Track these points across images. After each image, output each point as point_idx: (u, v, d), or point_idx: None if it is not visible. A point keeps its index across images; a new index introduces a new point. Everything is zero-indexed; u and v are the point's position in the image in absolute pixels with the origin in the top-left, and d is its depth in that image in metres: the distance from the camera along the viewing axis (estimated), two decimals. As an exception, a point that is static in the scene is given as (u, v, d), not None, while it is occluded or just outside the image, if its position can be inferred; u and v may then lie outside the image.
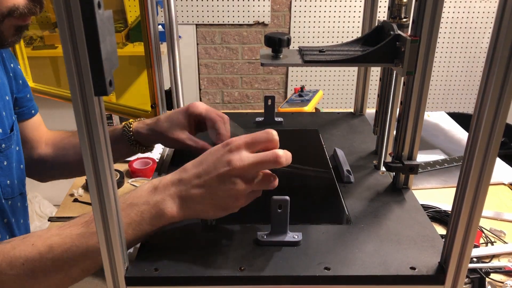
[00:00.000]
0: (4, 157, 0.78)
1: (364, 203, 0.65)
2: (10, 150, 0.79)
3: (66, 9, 0.36)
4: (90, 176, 0.43)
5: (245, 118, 0.96)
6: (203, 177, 0.54)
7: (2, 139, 0.77)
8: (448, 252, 0.50)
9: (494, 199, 1.06)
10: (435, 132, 1.38)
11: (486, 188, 0.45)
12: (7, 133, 0.79)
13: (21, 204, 0.84)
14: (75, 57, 0.38)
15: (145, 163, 1.22)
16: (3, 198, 0.78)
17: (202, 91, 2.67)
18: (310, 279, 0.51)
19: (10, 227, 0.80)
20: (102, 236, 0.46)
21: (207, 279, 0.51)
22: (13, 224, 0.81)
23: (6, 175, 0.78)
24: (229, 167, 0.53)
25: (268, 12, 2.45)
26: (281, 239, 0.56)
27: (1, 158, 0.77)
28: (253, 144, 0.55)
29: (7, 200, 0.79)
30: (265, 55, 0.68)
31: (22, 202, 0.85)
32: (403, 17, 0.66)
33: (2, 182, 0.78)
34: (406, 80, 0.63)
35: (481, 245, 0.91)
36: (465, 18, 2.48)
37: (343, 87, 2.63)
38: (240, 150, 0.54)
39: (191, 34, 2.51)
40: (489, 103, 0.42)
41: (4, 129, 0.78)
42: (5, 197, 0.78)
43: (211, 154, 0.56)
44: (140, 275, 0.51)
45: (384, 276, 0.51)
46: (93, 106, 0.40)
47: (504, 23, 0.39)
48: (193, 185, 0.55)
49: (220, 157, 0.54)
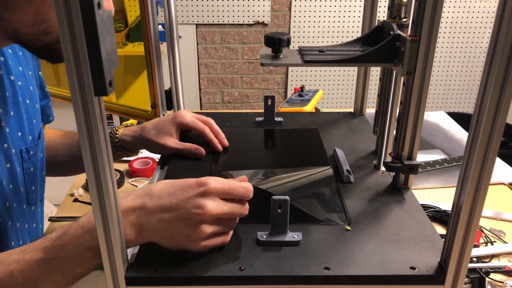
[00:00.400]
0: (31, 163, 0.79)
1: (364, 203, 0.65)
2: (36, 157, 0.80)
3: (66, 9, 0.36)
4: (90, 176, 0.43)
5: (245, 118, 0.96)
6: (168, 212, 0.52)
7: (31, 146, 0.78)
8: (448, 252, 0.50)
9: (494, 199, 1.06)
10: (435, 132, 1.38)
11: (486, 188, 0.45)
12: (35, 140, 0.80)
13: (40, 210, 0.86)
14: (75, 57, 0.38)
15: (145, 163, 1.22)
16: (28, 204, 0.79)
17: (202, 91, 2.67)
18: (310, 279, 0.51)
19: (31, 233, 0.81)
20: (102, 236, 0.46)
21: (207, 279, 0.51)
22: (32, 230, 0.82)
23: (32, 181, 0.80)
24: (199, 210, 0.51)
25: (268, 12, 2.45)
26: (281, 239, 0.56)
27: (28, 165, 0.78)
28: (229, 194, 0.54)
29: (30, 205, 0.80)
30: (265, 55, 0.68)
31: (41, 208, 0.86)
32: (403, 17, 0.66)
33: (28, 188, 0.79)
34: (406, 80, 0.63)
35: (481, 245, 0.91)
36: (465, 18, 2.48)
37: (343, 87, 2.63)
38: (214, 197, 0.53)
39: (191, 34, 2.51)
40: (489, 103, 0.42)
41: (34, 136, 0.80)
42: (29, 203, 0.80)
43: (183, 189, 0.53)
44: (140, 275, 0.51)
45: (384, 276, 0.51)
46: (93, 106, 0.40)
47: (504, 23, 0.39)
48: (155, 217, 0.53)
49: (191, 198, 0.52)
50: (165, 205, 0.53)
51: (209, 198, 0.52)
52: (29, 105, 0.78)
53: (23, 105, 0.75)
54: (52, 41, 0.60)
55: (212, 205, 0.52)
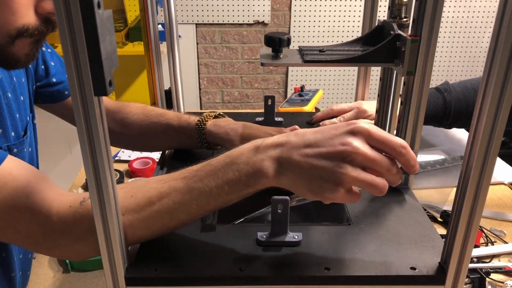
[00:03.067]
0: None
1: (364, 203, 0.65)
2: (23, 154, 0.78)
3: (66, 9, 0.36)
4: (90, 176, 0.43)
5: (245, 118, 0.96)
6: (312, 148, 0.49)
7: (15, 143, 0.75)
8: (448, 252, 0.50)
9: (494, 199, 1.06)
10: (435, 132, 1.38)
11: (487, 188, 0.45)
12: (20, 137, 0.77)
13: None
14: (75, 57, 0.37)
15: (145, 163, 1.22)
16: None
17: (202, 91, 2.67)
18: (310, 279, 0.51)
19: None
20: (102, 236, 0.46)
21: (207, 279, 0.51)
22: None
23: None
24: (345, 147, 0.48)
25: (268, 11, 2.45)
26: (281, 239, 0.56)
27: None
28: (381, 142, 0.49)
29: None
30: (265, 54, 0.68)
31: None
32: (403, 17, 0.66)
33: None
34: (406, 80, 0.63)
35: (481, 245, 0.91)
36: (465, 17, 2.48)
37: (343, 87, 2.63)
38: (361, 137, 0.48)
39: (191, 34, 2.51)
40: (489, 103, 0.42)
41: (18, 133, 0.76)
42: None
43: (331, 128, 0.50)
44: (140, 275, 0.51)
45: (384, 276, 0.51)
46: (93, 106, 0.40)
47: (505, 23, 0.39)
48: (297, 152, 0.50)
49: (339, 135, 0.49)
50: (309, 141, 0.50)
51: (357, 137, 0.48)
52: (10, 98, 0.74)
53: (3, 99, 0.72)
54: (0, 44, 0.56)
55: (359, 143, 0.48)
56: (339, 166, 0.48)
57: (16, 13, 0.55)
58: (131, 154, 1.29)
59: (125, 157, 1.28)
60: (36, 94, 0.85)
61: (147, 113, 0.86)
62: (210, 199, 0.52)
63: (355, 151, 0.48)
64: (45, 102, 0.87)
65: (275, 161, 0.50)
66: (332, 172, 0.48)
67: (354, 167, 0.48)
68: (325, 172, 0.48)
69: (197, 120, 0.80)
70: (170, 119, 0.83)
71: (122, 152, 1.30)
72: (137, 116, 0.87)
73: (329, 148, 0.48)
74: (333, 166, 0.48)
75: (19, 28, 0.56)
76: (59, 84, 0.87)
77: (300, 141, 0.50)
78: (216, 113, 0.82)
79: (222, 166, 0.52)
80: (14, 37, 0.56)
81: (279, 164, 0.50)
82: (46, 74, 0.85)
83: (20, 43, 0.58)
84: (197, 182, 0.52)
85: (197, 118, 0.81)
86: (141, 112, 0.87)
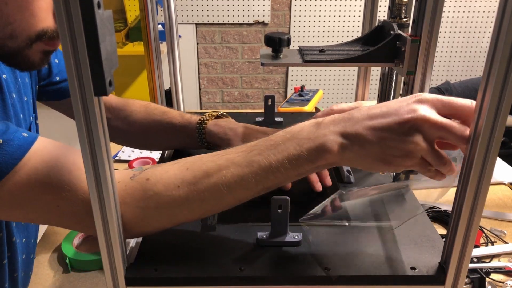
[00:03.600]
0: None
1: (364, 203, 0.65)
2: None
3: (66, 9, 0.36)
4: (90, 176, 0.43)
5: (245, 118, 0.96)
6: (378, 119, 0.48)
7: None
8: (448, 252, 0.50)
9: (494, 199, 1.06)
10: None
11: (487, 188, 0.45)
12: None
13: None
14: (75, 57, 0.37)
15: (145, 163, 1.22)
16: None
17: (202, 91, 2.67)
18: (310, 279, 0.51)
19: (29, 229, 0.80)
20: (102, 236, 0.46)
21: (207, 279, 0.51)
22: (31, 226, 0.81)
23: None
24: (413, 114, 0.46)
25: (268, 11, 2.45)
26: (281, 239, 0.56)
27: None
28: (448, 106, 0.47)
29: None
30: (265, 54, 0.68)
31: None
32: (403, 17, 0.66)
33: None
34: (406, 80, 0.63)
35: (481, 245, 0.91)
36: (465, 17, 2.48)
37: (343, 87, 2.63)
38: (429, 105, 0.47)
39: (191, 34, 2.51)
40: (489, 103, 0.42)
41: None
42: None
43: (396, 100, 0.49)
44: (140, 275, 0.51)
45: (384, 276, 0.51)
46: (93, 106, 0.40)
47: (505, 23, 0.39)
48: (362, 125, 0.48)
49: (405, 105, 0.47)
50: (374, 114, 0.48)
51: (424, 105, 0.47)
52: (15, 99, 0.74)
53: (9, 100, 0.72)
54: (19, 47, 0.57)
55: (427, 110, 0.46)
56: (408, 134, 0.46)
57: (36, 16, 0.55)
58: (131, 154, 1.29)
59: (125, 157, 1.28)
60: (40, 92, 0.85)
61: (150, 111, 0.86)
62: (269, 173, 0.50)
63: (423, 118, 0.46)
64: (49, 99, 0.87)
65: (339, 135, 0.49)
66: (401, 142, 0.47)
67: (424, 136, 0.47)
68: (394, 143, 0.47)
69: (198, 119, 0.80)
70: (173, 117, 0.83)
71: (122, 152, 1.31)
72: (140, 114, 0.87)
73: (396, 117, 0.47)
74: (402, 136, 0.46)
75: (39, 31, 0.56)
76: (63, 82, 0.87)
77: (365, 115, 0.49)
78: (218, 113, 0.82)
79: (282, 140, 0.50)
80: (34, 40, 0.57)
81: (343, 139, 0.49)
82: (49, 73, 0.85)
83: (37, 46, 0.58)
84: (256, 156, 0.51)
85: (199, 117, 0.81)
86: (144, 111, 0.87)
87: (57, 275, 0.85)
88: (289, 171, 0.50)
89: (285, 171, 0.50)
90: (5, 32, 0.55)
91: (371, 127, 0.48)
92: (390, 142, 0.47)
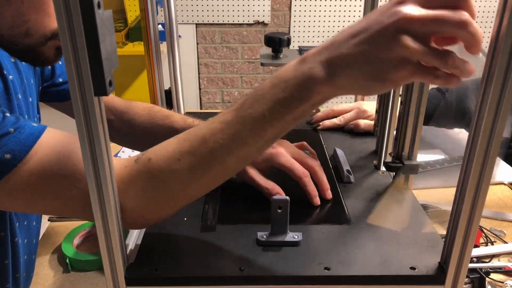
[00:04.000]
0: None
1: (364, 203, 0.65)
2: None
3: (66, 9, 0.36)
4: (90, 176, 0.43)
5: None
6: (361, 34, 0.44)
7: None
8: (448, 252, 0.50)
9: (494, 199, 1.06)
10: (435, 132, 1.38)
11: (486, 188, 0.45)
12: None
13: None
14: (75, 57, 0.38)
15: (145, 162, 1.22)
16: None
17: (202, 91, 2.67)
18: (310, 279, 0.51)
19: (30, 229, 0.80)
20: (102, 236, 0.46)
21: (207, 279, 0.51)
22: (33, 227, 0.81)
23: None
24: (396, 17, 0.41)
25: (268, 11, 2.45)
26: (281, 239, 0.56)
27: None
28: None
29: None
30: (265, 54, 0.68)
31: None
32: (403, 17, 0.66)
33: None
34: (406, 80, 0.63)
35: (481, 245, 0.91)
36: (465, 17, 2.48)
37: (343, 86, 2.63)
38: (411, 2, 0.42)
39: (191, 34, 2.51)
40: (489, 103, 0.42)
41: None
42: None
43: (376, 10, 0.45)
44: (140, 275, 0.51)
45: (384, 276, 0.51)
46: (93, 106, 0.40)
47: (505, 23, 0.39)
48: (345, 46, 0.45)
49: (385, 10, 0.43)
50: (356, 31, 0.44)
51: (407, 4, 0.42)
52: (21, 100, 0.75)
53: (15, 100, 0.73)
54: (34, 44, 0.58)
55: (410, 8, 0.41)
56: (394, 39, 0.42)
57: (52, 16, 0.56)
58: (131, 154, 1.29)
59: (125, 157, 1.28)
60: (43, 93, 0.86)
61: (153, 114, 0.86)
62: (264, 124, 0.49)
63: (406, 17, 0.41)
64: (52, 101, 0.88)
65: (324, 64, 0.46)
66: (389, 50, 0.42)
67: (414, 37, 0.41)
68: (382, 54, 0.43)
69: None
70: (175, 122, 0.83)
71: (122, 152, 1.31)
72: (143, 117, 0.87)
73: (377, 26, 0.43)
74: (388, 44, 0.42)
75: (54, 30, 0.58)
76: (66, 83, 0.87)
77: (346, 35, 0.45)
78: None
79: (270, 88, 0.48)
80: (49, 38, 0.58)
81: (330, 66, 0.46)
82: (52, 75, 0.86)
83: (52, 43, 0.59)
84: (247, 110, 0.49)
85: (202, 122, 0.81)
86: (147, 114, 0.87)
87: (57, 275, 0.85)
88: (285, 117, 0.48)
89: (280, 117, 0.48)
90: (21, 30, 0.56)
91: (355, 44, 0.44)
92: (378, 54, 0.43)
